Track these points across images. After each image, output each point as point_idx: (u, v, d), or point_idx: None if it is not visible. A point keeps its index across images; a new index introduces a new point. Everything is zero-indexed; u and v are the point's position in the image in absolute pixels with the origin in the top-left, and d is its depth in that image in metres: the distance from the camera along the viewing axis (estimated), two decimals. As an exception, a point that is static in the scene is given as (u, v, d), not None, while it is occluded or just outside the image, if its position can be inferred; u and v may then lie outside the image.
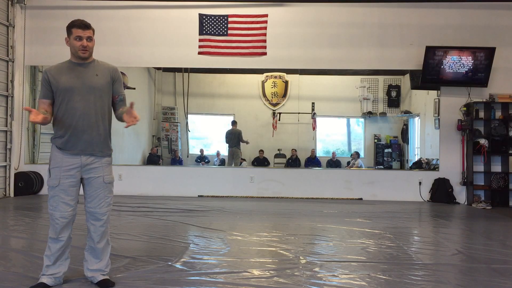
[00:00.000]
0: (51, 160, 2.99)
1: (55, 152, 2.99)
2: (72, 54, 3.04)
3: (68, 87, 2.96)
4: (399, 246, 4.42)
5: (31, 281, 3.12)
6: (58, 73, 2.99)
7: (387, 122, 10.49)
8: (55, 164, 2.97)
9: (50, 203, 2.98)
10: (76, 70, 3.02)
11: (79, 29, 2.97)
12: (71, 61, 3.07)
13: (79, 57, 3.01)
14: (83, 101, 2.97)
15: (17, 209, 6.56)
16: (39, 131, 8.58)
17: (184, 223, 5.49)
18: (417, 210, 7.13)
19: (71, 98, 2.96)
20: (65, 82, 2.97)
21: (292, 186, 8.26)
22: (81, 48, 2.97)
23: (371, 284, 3.21)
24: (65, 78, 2.98)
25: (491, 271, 3.58)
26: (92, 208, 3.06)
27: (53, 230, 2.99)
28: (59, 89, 2.96)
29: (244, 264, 3.67)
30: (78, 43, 2.97)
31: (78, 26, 2.98)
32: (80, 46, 2.96)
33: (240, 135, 9.82)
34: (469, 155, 7.87)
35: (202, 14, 8.18)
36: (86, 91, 2.99)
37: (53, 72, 2.99)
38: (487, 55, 7.71)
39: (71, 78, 2.99)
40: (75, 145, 2.96)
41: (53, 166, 2.97)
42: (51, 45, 8.32)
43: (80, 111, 2.95)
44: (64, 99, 2.96)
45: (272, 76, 10.18)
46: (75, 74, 3.00)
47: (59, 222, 2.97)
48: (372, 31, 8.17)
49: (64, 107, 2.96)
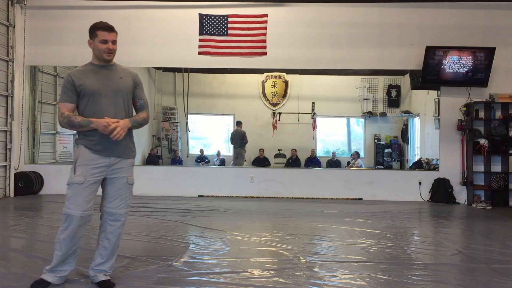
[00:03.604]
0: (79, 158, 2.93)
1: (83, 150, 2.94)
2: (96, 56, 3.03)
3: (95, 89, 2.95)
4: (399, 246, 4.42)
5: (31, 281, 3.12)
6: (83, 76, 2.96)
7: (387, 122, 10.50)
8: (82, 162, 2.92)
9: (70, 202, 2.90)
10: (101, 72, 3.02)
11: (105, 31, 2.98)
12: (94, 64, 3.05)
13: (103, 59, 3.02)
14: (111, 103, 2.98)
15: (17, 209, 6.55)
16: (39, 131, 8.58)
17: (184, 223, 5.49)
18: (417, 210, 7.13)
19: (99, 100, 2.95)
20: (92, 85, 2.95)
21: (292, 186, 8.26)
22: (106, 51, 2.98)
23: (371, 284, 3.21)
24: (90, 80, 2.96)
25: (491, 271, 3.58)
26: (112, 209, 3.04)
27: (69, 229, 2.91)
28: (86, 92, 2.93)
29: (244, 264, 3.67)
30: (103, 46, 2.97)
31: (103, 28, 2.98)
32: (106, 49, 2.98)
33: (245, 136, 9.82)
34: (469, 155, 7.87)
35: (202, 14, 8.18)
36: (113, 94, 3.00)
37: (77, 75, 2.95)
38: (487, 55, 7.71)
39: (97, 80, 2.98)
40: (104, 147, 2.96)
41: (80, 164, 2.92)
42: (51, 45, 8.33)
43: (108, 113, 2.94)
44: (91, 101, 2.94)
45: (272, 76, 10.19)
46: (100, 76, 3.00)
47: (78, 221, 2.91)
48: (372, 31, 8.17)
49: (91, 109, 2.94)
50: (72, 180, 2.91)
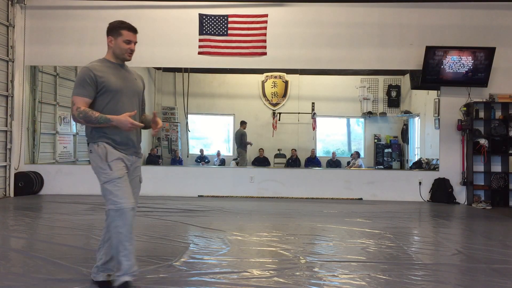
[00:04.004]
0: (108, 154, 2.86)
1: (107, 147, 2.88)
2: (115, 54, 3.00)
3: (118, 88, 2.93)
4: (399, 246, 4.42)
5: (31, 281, 3.12)
6: (105, 72, 2.91)
7: (387, 122, 10.50)
8: (114, 157, 2.87)
9: (118, 196, 2.79)
10: (120, 71, 3.01)
11: (131, 32, 2.98)
12: (111, 61, 3.00)
13: (123, 59, 3.01)
14: (130, 103, 2.98)
15: (17, 209, 6.56)
16: (39, 131, 8.58)
17: (184, 223, 5.49)
18: (417, 210, 7.12)
19: (120, 99, 2.94)
20: (115, 83, 2.93)
21: (292, 186, 8.26)
22: (129, 51, 2.99)
23: (371, 284, 3.21)
24: (113, 78, 2.93)
25: (491, 271, 3.58)
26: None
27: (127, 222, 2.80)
28: (108, 89, 2.89)
29: (244, 264, 3.67)
30: (126, 46, 2.97)
31: (129, 29, 2.98)
32: (128, 49, 2.98)
33: (242, 137, 9.81)
34: (469, 155, 7.87)
35: (202, 14, 8.18)
36: (131, 94, 3.02)
37: (99, 71, 2.89)
38: (487, 55, 7.71)
39: (118, 79, 2.97)
40: (126, 146, 2.95)
41: (113, 159, 2.86)
42: (51, 45, 8.33)
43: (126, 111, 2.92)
44: (113, 99, 2.91)
45: (272, 76, 10.19)
46: (120, 75, 2.99)
47: (131, 212, 2.82)
48: (372, 31, 8.17)
49: (112, 107, 2.90)
50: (111, 176, 2.82)
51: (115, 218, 2.80)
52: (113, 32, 2.98)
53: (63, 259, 3.68)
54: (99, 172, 2.88)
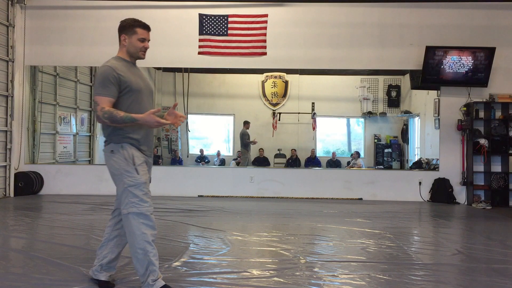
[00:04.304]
0: (134, 158, 2.84)
1: (132, 149, 2.85)
2: (129, 53, 2.95)
3: (139, 87, 2.91)
4: (399, 246, 4.42)
5: (31, 281, 3.12)
6: (126, 72, 2.86)
7: (387, 122, 10.50)
8: (140, 161, 2.86)
9: (143, 201, 2.79)
10: (135, 70, 2.98)
11: (145, 30, 2.94)
12: (126, 60, 2.95)
13: (137, 57, 2.98)
14: (148, 102, 2.97)
15: (17, 209, 6.56)
16: (39, 131, 8.58)
17: (184, 223, 5.49)
18: (417, 210, 7.12)
19: (142, 99, 2.92)
20: (137, 82, 2.90)
21: (292, 186, 8.26)
22: (143, 49, 2.95)
23: (371, 284, 3.21)
24: (134, 78, 2.90)
25: (491, 271, 3.58)
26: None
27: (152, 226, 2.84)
28: (132, 89, 2.85)
29: (244, 264, 3.67)
30: (141, 44, 2.93)
31: (143, 27, 2.94)
32: (143, 47, 2.94)
33: (244, 136, 9.81)
34: (469, 155, 7.87)
35: (202, 14, 8.18)
36: (148, 93, 3.01)
37: (121, 70, 2.83)
38: (487, 55, 7.71)
39: (137, 78, 2.94)
40: (146, 146, 2.95)
41: (140, 163, 2.85)
42: (51, 45, 8.33)
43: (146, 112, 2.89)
44: (136, 99, 2.88)
45: (272, 76, 10.19)
46: (137, 75, 2.97)
47: (153, 217, 2.86)
48: (372, 31, 8.17)
49: (135, 108, 2.86)
50: (138, 180, 2.80)
51: (139, 221, 2.78)
52: (127, 30, 2.93)
53: (63, 259, 3.68)
54: (123, 174, 2.82)
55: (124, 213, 2.82)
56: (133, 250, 2.80)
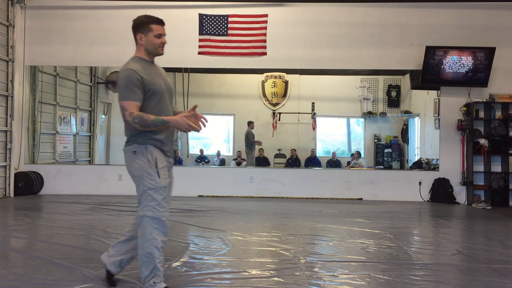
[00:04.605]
0: (157, 161, 2.80)
1: (156, 151, 2.82)
2: (147, 51, 2.89)
3: (161, 89, 2.85)
4: (399, 246, 4.42)
5: (31, 281, 3.12)
6: (148, 73, 2.80)
7: (387, 122, 10.50)
8: (162, 164, 2.83)
9: (160, 206, 2.77)
10: (155, 70, 2.92)
11: (159, 25, 2.88)
12: (145, 60, 2.89)
13: (156, 54, 2.91)
14: (169, 103, 2.93)
15: (17, 209, 6.56)
16: (39, 131, 8.58)
17: (184, 223, 5.49)
18: (417, 210, 7.13)
19: (165, 100, 2.88)
20: (159, 84, 2.84)
21: (292, 186, 8.26)
22: (161, 45, 2.89)
23: (371, 284, 3.21)
24: (156, 79, 2.84)
25: (491, 271, 3.58)
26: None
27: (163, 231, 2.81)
28: (155, 91, 2.80)
29: (244, 264, 3.67)
30: (158, 40, 2.86)
31: (158, 22, 2.88)
32: (160, 43, 2.88)
33: (248, 136, 9.81)
34: (469, 155, 7.87)
35: (202, 14, 8.18)
36: (169, 93, 2.96)
37: (143, 73, 2.77)
38: (487, 55, 7.71)
39: (159, 79, 2.88)
40: (169, 148, 2.93)
41: (162, 166, 2.82)
42: (51, 45, 8.33)
43: (168, 114, 2.89)
44: (159, 101, 2.83)
45: (272, 76, 10.19)
46: (158, 74, 2.91)
47: (167, 223, 2.85)
48: (372, 31, 8.17)
49: (159, 109, 2.81)
50: (159, 184, 2.78)
51: (152, 226, 2.77)
52: (142, 28, 2.86)
53: (63, 259, 3.68)
54: (144, 176, 2.78)
55: (139, 215, 2.81)
56: (141, 252, 2.79)
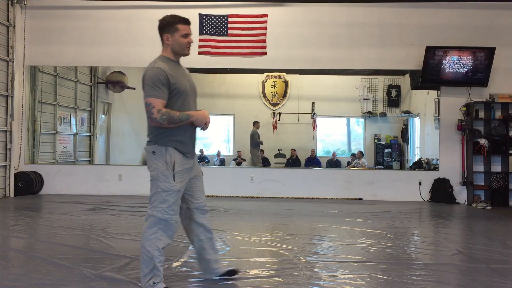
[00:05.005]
0: (175, 164, 2.80)
1: (176, 154, 2.81)
2: (174, 51, 2.90)
3: (186, 89, 2.85)
4: (399, 246, 4.42)
5: (31, 281, 3.12)
6: (174, 73, 2.81)
7: (387, 122, 10.50)
8: (179, 167, 2.82)
9: (170, 208, 2.81)
10: (181, 70, 2.93)
11: (186, 25, 2.88)
12: (172, 60, 2.90)
13: (182, 54, 2.92)
14: (193, 104, 2.94)
15: (17, 209, 6.56)
16: (39, 131, 8.58)
17: (184, 223, 5.48)
18: (417, 210, 7.12)
19: (189, 100, 2.88)
20: (185, 84, 2.85)
21: (292, 186, 8.26)
22: (188, 45, 2.89)
23: (371, 284, 3.21)
24: (182, 79, 2.85)
25: (491, 271, 3.58)
26: (201, 203, 3.08)
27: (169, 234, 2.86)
28: (180, 91, 2.80)
29: (244, 264, 3.66)
30: (185, 40, 2.87)
31: (184, 21, 2.88)
32: (187, 43, 2.88)
33: (254, 136, 9.80)
34: (469, 155, 7.87)
35: (202, 14, 8.18)
36: (193, 94, 2.97)
37: (170, 72, 2.78)
38: (487, 55, 7.71)
39: (184, 79, 2.89)
40: (191, 149, 2.94)
41: (179, 170, 2.82)
42: (51, 45, 8.33)
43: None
44: (184, 101, 2.84)
45: (272, 76, 10.19)
46: (183, 75, 2.92)
47: (175, 227, 2.89)
48: (372, 31, 8.17)
49: (183, 109, 2.82)
50: (173, 187, 2.80)
51: (158, 226, 2.80)
52: (168, 28, 2.87)
53: (63, 259, 3.68)
54: (159, 177, 2.80)
55: (148, 213, 2.83)
56: (142, 250, 2.82)
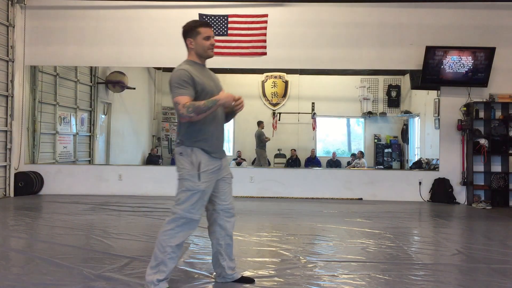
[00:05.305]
0: (201, 164, 2.84)
1: (201, 154, 2.85)
2: (198, 54, 2.97)
3: (211, 90, 2.89)
4: (399, 246, 4.42)
5: (31, 281, 3.12)
6: (199, 74, 2.87)
7: (387, 122, 10.50)
8: (205, 167, 2.85)
9: (193, 207, 2.84)
10: (206, 72, 2.99)
11: (207, 27, 2.94)
12: (197, 63, 2.97)
13: (207, 56, 2.97)
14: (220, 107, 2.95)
15: (17, 209, 6.56)
16: (39, 131, 8.58)
17: (184, 223, 5.48)
18: (417, 210, 7.13)
19: None
20: (210, 85, 2.90)
21: (292, 186, 8.26)
22: (211, 47, 2.95)
23: (371, 284, 3.21)
24: (206, 80, 2.90)
25: (491, 271, 3.58)
26: (228, 205, 3.06)
27: (187, 233, 2.90)
28: (204, 92, 2.85)
29: (244, 264, 3.66)
30: (207, 43, 2.92)
31: (204, 25, 2.93)
32: (210, 45, 2.93)
33: (260, 136, 9.79)
34: (469, 155, 7.87)
35: (202, 14, 8.17)
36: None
37: (194, 73, 2.85)
38: (487, 55, 7.71)
39: (209, 81, 2.94)
40: (218, 149, 2.95)
41: (204, 170, 2.85)
42: (51, 45, 8.33)
43: (218, 115, 2.95)
44: None
45: (272, 76, 10.19)
46: (209, 77, 2.97)
47: (195, 226, 2.92)
48: (372, 31, 8.17)
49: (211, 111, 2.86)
50: (198, 187, 2.83)
51: (177, 224, 2.84)
52: (191, 33, 2.94)
53: (63, 259, 3.68)
54: (185, 177, 2.85)
55: (171, 210, 2.88)
56: (156, 242, 2.88)
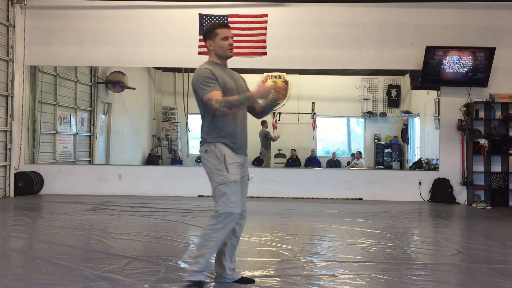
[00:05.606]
0: (226, 156, 2.89)
1: (225, 149, 2.91)
2: (217, 55, 3.03)
3: (231, 88, 2.95)
4: (399, 246, 4.42)
5: (31, 281, 3.12)
6: (220, 73, 2.93)
7: (387, 122, 10.49)
8: (231, 160, 2.90)
9: (231, 200, 2.85)
10: (227, 72, 3.04)
11: (225, 28, 2.99)
12: (217, 63, 3.03)
13: (226, 56, 3.03)
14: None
15: (17, 209, 6.56)
16: (39, 131, 8.58)
17: (184, 223, 5.49)
18: (417, 210, 7.13)
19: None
20: (231, 84, 2.97)
21: (292, 186, 8.26)
22: (230, 47, 3.00)
23: (371, 284, 3.21)
24: (226, 79, 2.96)
25: (491, 271, 3.58)
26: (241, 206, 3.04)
27: (229, 226, 2.88)
28: (226, 89, 2.91)
29: (244, 264, 3.66)
30: (226, 43, 2.98)
31: (222, 26, 3.00)
32: (228, 45, 2.99)
33: (266, 136, 9.78)
34: (469, 155, 7.87)
35: (202, 14, 8.17)
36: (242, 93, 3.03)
37: (215, 71, 2.92)
38: (487, 55, 7.71)
39: (230, 79, 2.99)
40: (240, 146, 2.98)
41: (231, 162, 2.89)
42: (51, 45, 8.33)
43: (240, 113, 2.99)
44: None
45: (272, 76, 10.18)
46: (229, 76, 3.02)
47: (236, 218, 2.91)
48: (372, 31, 8.17)
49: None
50: (228, 178, 2.87)
51: (219, 220, 2.85)
52: (209, 35, 3.00)
53: (63, 259, 3.68)
54: (214, 173, 2.91)
55: (214, 210, 2.90)
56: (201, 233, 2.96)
